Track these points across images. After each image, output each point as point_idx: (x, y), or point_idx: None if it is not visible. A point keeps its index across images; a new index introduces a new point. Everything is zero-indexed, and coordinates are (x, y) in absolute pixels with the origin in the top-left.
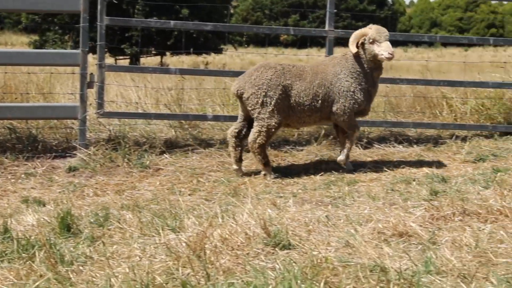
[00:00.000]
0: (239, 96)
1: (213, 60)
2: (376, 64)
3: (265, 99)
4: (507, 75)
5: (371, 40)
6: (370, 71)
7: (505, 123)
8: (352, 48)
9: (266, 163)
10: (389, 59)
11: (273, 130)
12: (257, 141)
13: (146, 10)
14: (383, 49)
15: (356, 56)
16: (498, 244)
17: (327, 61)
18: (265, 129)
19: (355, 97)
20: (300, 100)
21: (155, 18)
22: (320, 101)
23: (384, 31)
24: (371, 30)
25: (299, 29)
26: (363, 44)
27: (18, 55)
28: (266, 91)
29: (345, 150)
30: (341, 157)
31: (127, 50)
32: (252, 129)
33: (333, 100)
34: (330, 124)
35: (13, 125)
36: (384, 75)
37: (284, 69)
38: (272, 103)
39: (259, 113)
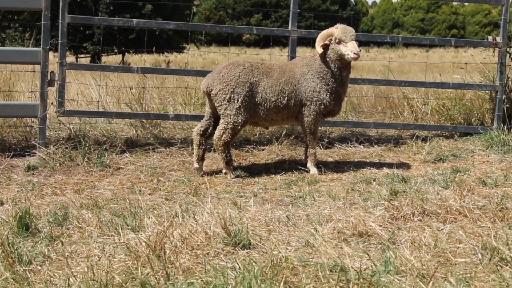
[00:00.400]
0: (208, 93)
1: (175, 59)
2: (343, 63)
3: (232, 95)
4: (467, 76)
5: (337, 40)
6: (338, 71)
7: (465, 124)
8: (318, 48)
9: (228, 161)
10: (355, 59)
11: (239, 127)
12: (223, 138)
13: (110, 9)
14: (349, 49)
15: (324, 56)
16: (457, 244)
17: (297, 60)
18: (231, 126)
19: (321, 97)
20: (266, 97)
21: (117, 16)
22: (286, 98)
23: (350, 31)
24: (337, 30)
25: (262, 28)
26: (328, 44)
27: None
28: (233, 87)
29: (311, 161)
30: (312, 171)
31: (89, 48)
32: (218, 126)
33: (300, 99)
34: (296, 124)
35: None
36: None
37: (253, 67)
38: (239, 99)
39: (225, 109)
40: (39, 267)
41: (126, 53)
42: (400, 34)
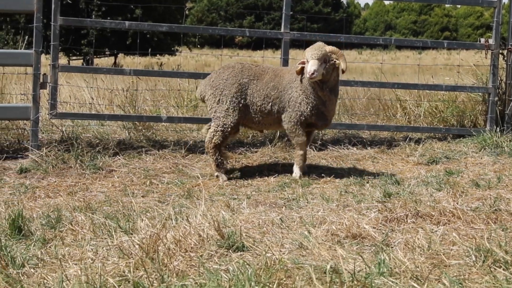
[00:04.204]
0: (203, 100)
1: (168, 61)
2: (316, 83)
3: (221, 97)
4: (460, 78)
5: (306, 60)
6: (313, 90)
7: (458, 126)
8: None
9: (219, 164)
10: (309, 79)
11: (228, 129)
12: (213, 140)
13: (102, 10)
14: (307, 69)
15: None
16: (451, 246)
17: (290, 67)
18: (220, 128)
19: (301, 108)
20: (253, 100)
21: (109, 18)
22: (270, 104)
23: (313, 49)
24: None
25: (254, 30)
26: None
27: None
28: (222, 90)
29: (297, 163)
30: (294, 174)
31: (84, 50)
32: (209, 129)
33: (283, 106)
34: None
35: None
36: None
37: (244, 68)
38: (227, 101)
39: (215, 111)
40: (32, 270)
41: (122, 54)
42: (392, 36)
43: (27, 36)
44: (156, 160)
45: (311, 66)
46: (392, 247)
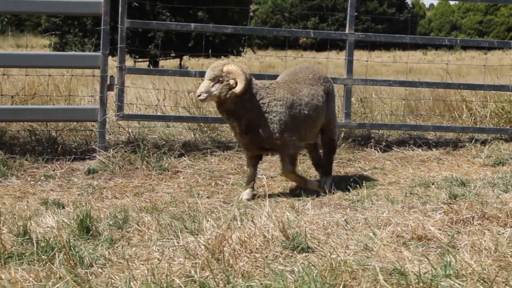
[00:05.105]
0: None
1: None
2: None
3: None
4: None
5: None
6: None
7: None
8: None
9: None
10: (198, 99)
11: None
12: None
13: (167, 14)
14: None
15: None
16: None
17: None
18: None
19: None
20: None
21: (173, 20)
22: None
23: (209, 68)
24: None
25: (319, 32)
26: None
27: (39, 58)
28: None
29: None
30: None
31: (151, 52)
32: None
33: None
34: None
35: (33, 127)
36: (403, 78)
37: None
38: None
39: None
40: (100, 270)
41: (183, 57)
42: (458, 37)
43: (94, 39)
44: (221, 161)
45: (200, 87)
46: (458, 249)
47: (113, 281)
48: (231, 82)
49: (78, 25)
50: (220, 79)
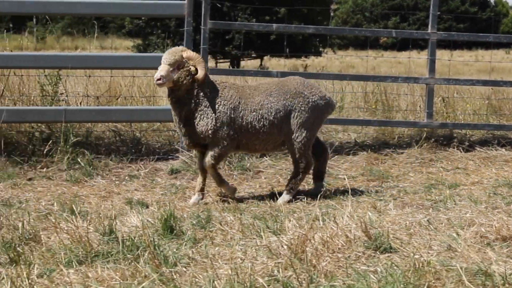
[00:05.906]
0: None
1: (312, 62)
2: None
3: None
4: None
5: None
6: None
7: None
8: None
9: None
10: (156, 84)
11: None
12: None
13: (247, 13)
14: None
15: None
16: None
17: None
18: None
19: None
20: None
21: (254, 20)
22: None
23: (167, 53)
24: None
25: (401, 31)
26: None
27: (123, 59)
28: None
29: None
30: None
31: (232, 52)
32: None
33: None
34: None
35: (117, 128)
36: (486, 77)
37: None
38: None
39: None
40: (184, 269)
41: (264, 57)
42: None
43: (176, 40)
44: None
45: (159, 71)
46: None
47: (197, 280)
48: (192, 68)
49: (161, 27)
50: (180, 64)
